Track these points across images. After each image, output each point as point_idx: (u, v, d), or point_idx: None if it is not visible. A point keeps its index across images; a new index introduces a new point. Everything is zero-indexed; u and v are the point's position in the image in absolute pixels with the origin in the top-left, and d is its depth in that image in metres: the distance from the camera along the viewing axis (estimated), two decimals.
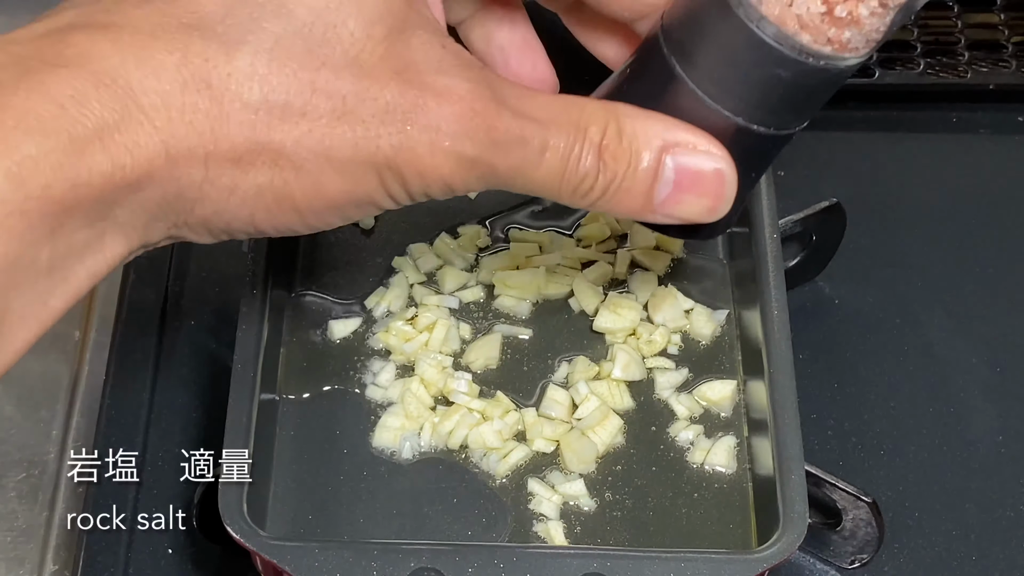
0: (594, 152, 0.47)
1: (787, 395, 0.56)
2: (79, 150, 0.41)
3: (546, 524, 0.58)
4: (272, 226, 0.46)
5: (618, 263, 0.66)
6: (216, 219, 0.45)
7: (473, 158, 0.46)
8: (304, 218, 0.46)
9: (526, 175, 0.47)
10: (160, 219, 0.44)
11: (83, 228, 0.42)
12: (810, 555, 0.61)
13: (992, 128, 0.78)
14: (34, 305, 0.42)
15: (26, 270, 0.41)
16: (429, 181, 0.46)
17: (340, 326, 0.63)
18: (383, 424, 0.60)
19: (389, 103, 0.45)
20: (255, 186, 0.45)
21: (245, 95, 0.44)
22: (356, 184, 0.46)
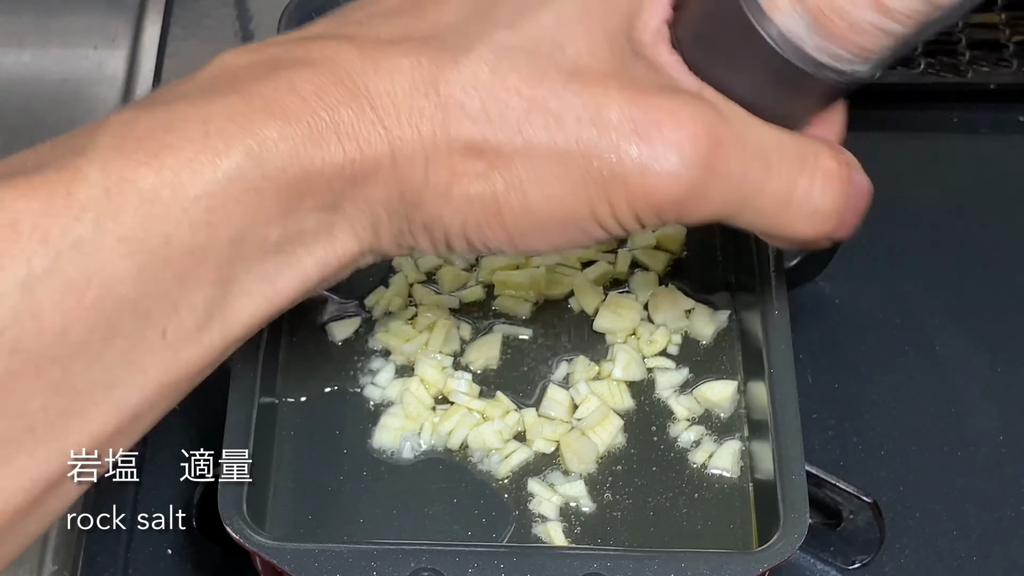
0: (821, 178, 0.48)
1: (787, 395, 0.56)
2: (316, 140, 0.43)
3: (546, 524, 0.58)
4: (482, 242, 0.47)
5: (618, 263, 0.66)
6: (434, 226, 0.46)
7: (692, 186, 0.46)
8: (511, 237, 0.47)
9: (747, 203, 0.47)
10: (385, 221, 0.46)
11: (313, 215, 0.44)
12: (810, 555, 0.61)
13: (992, 128, 0.78)
14: (261, 282, 0.44)
15: (255, 245, 0.43)
16: (639, 205, 0.46)
17: (341, 328, 0.63)
18: (383, 424, 0.60)
19: (608, 122, 0.45)
20: (466, 196, 0.46)
21: (467, 103, 0.45)
22: (562, 205, 0.46)
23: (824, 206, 0.48)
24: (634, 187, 0.45)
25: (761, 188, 0.47)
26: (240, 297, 0.44)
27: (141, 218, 0.41)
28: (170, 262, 0.42)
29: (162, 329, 0.42)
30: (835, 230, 0.49)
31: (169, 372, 0.43)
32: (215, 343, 0.44)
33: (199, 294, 0.43)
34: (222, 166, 0.42)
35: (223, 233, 0.42)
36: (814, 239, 0.49)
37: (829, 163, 0.48)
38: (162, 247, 0.41)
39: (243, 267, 0.43)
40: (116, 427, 0.43)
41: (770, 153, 0.47)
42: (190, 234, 0.42)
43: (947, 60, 0.79)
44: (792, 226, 0.48)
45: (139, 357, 0.42)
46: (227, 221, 0.42)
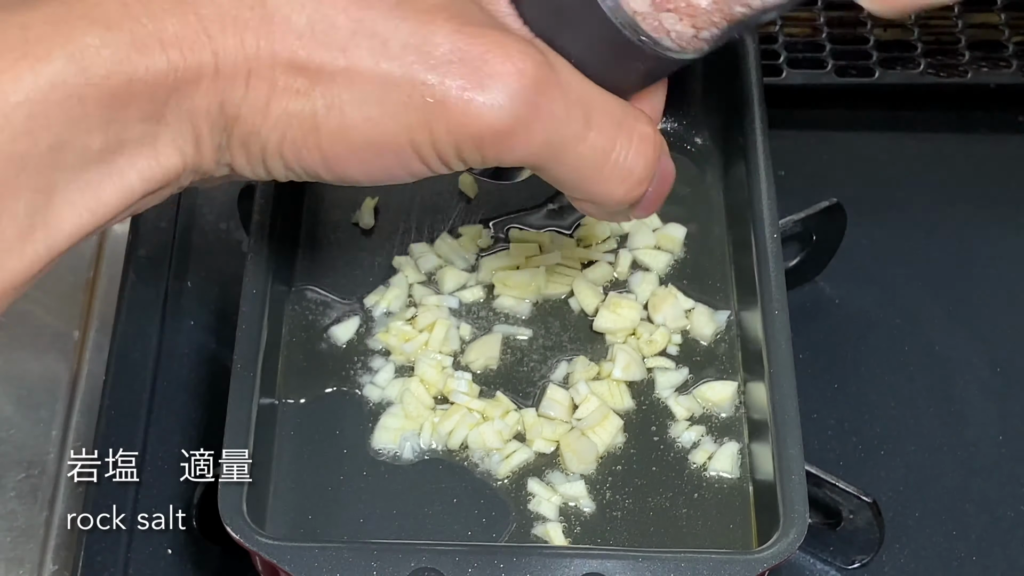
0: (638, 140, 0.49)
1: (787, 395, 0.56)
2: (139, 48, 0.43)
3: (546, 524, 0.58)
4: (298, 162, 0.47)
5: (618, 263, 0.66)
6: (251, 142, 0.46)
7: (516, 120, 0.46)
8: (327, 160, 0.47)
9: (566, 150, 0.47)
10: (206, 135, 0.46)
11: (136, 124, 0.44)
12: (810, 555, 0.61)
13: (992, 128, 0.78)
14: (84, 193, 0.44)
15: (77, 154, 0.43)
16: (461, 140, 0.46)
17: (342, 330, 0.63)
18: (383, 425, 0.60)
19: (435, 49, 0.45)
20: (285, 112, 0.46)
21: (293, 19, 0.45)
22: (380, 129, 0.46)
23: (638, 169, 0.49)
24: (455, 116, 0.45)
25: (582, 137, 0.47)
26: (63, 207, 0.44)
27: None
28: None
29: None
30: (641, 199, 0.50)
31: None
32: (39, 254, 0.44)
33: (20, 203, 0.42)
34: (43, 73, 0.42)
35: (44, 140, 0.42)
36: (620, 203, 0.50)
37: (646, 128, 0.49)
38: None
39: (65, 176, 0.43)
40: None
41: (593, 106, 0.48)
42: (10, 141, 0.42)
43: (947, 60, 0.79)
44: (605, 184, 0.49)
45: None
46: (48, 128, 0.42)
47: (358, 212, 0.67)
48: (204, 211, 0.72)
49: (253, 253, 0.61)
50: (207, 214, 0.72)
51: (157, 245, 0.71)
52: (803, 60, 0.79)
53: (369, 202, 0.67)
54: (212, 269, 0.70)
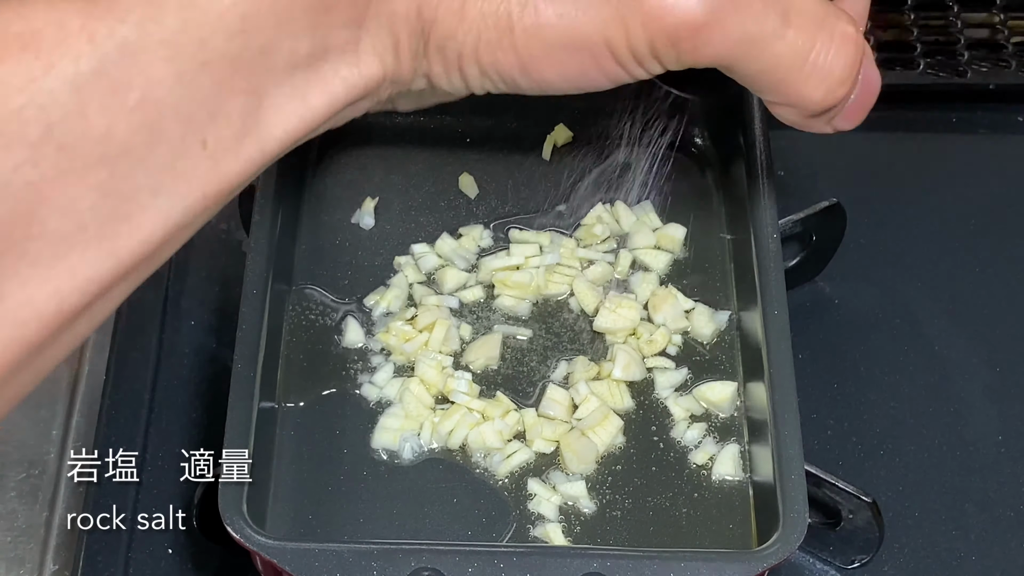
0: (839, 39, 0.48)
1: (787, 395, 0.56)
2: None
3: (546, 524, 0.58)
4: (495, 68, 0.47)
5: (618, 263, 0.66)
6: (448, 46, 0.47)
7: (711, 14, 0.45)
8: (522, 61, 0.47)
9: (763, 48, 0.47)
10: (404, 41, 0.47)
11: (339, 30, 0.45)
12: (810, 555, 0.61)
13: (992, 128, 0.78)
14: (292, 97, 0.45)
15: (285, 58, 0.45)
16: (656, 35, 0.46)
17: (342, 330, 0.63)
18: (382, 425, 0.60)
19: None
20: (481, 13, 0.46)
21: None
22: (575, 25, 0.46)
23: (838, 69, 0.48)
24: (650, 10, 0.45)
25: (780, 34, 0.47)
26: (273, 111, 0.45)
27: (181, 22, 0.42)
28: (206, 67, 0.43)
29: (202, 138, 0.43)
30: (840, 100, 0.49)
31: (211, 182, 0.44)
32: (252, 156, 0.45)
33: (235, 104, 0.44)
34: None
35: (256, 42, 0.43)
36: (819, 106, 0.49)
37: (848, 27, 0.48)
38: (199, 51, 0.42)
39: (274, 79, 0.44)
40: (163, 235, 0.44)
41: (792, 3, 0.47)
42: (225, 40, 0.43)
43: (946, 60, 0.79)
44: (803, 85, 0.48)
45: (182, 165, 0.43)
46: (260, 30, 0.43)
47: (358, 212, 0.67)
48: None
49: (253, 253, 0.61)
50: None
51: None
52: None
53: (369, 202, 0.67)
54: (212, 269, 0.70)
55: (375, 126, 0.70)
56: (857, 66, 0.49)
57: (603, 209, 0.67)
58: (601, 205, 0.67)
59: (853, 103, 0.50)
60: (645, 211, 0.67)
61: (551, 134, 0.70)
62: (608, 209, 0.67)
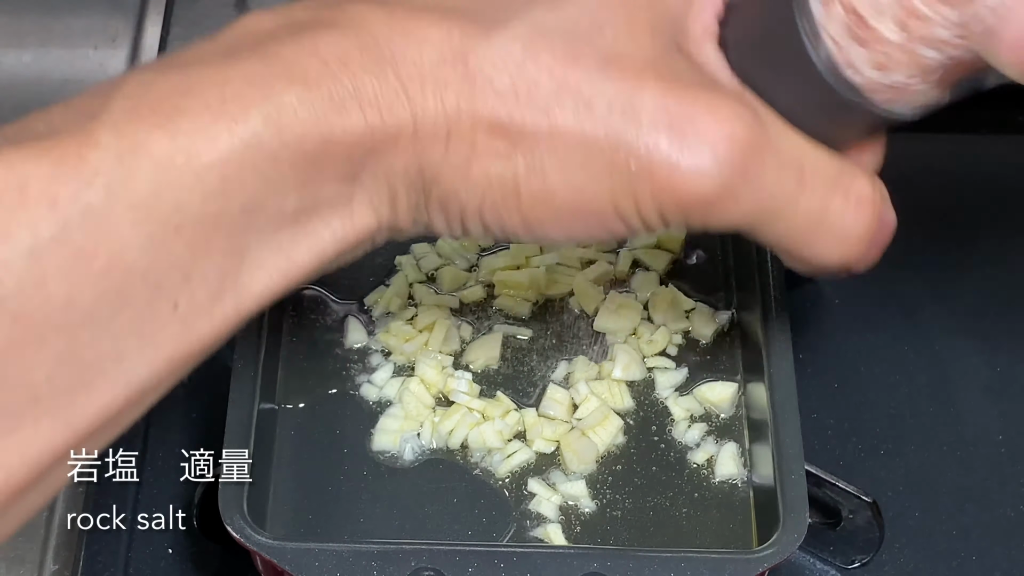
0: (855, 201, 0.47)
1: (787, 395, 0.56)
2: (336, 107, 0.42)
3: (546, 524, 0.58)
4: (499, 225, 0.45)
5: (619, 263, 0.66)
6: (451, 203, 0.45)
7: (724, 187, 0.44)
8: (528, 223, 0.45)
9: (777, 215, 0.45)
10: (403, 195, 0.45)
11: (331, 185, 0.43)
12: (810, 555, 0.61)
13: (992, 128, 0.78)
14: (276, 254, 0.43)
15: (270, 215, 0.42)
16: (666, 206, 0.44)
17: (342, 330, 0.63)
18: (382, 427, 0.60)
19: (641, 111, 0.43)
20: (486, 174, 0.44)
21: (495, 79, 0.43)
22: (583, 195, 0.44)
23: (855, 231, 0.47)
24: (661, 182, 0.44)
25: (794, 201, 0.45)
26: (254, 269, 0.43)
27: (153, 185, 0.40)
28: (181, 231, 0.40)
29: (173, 301, 0.41)
30: (859, 259, 0.48)
31: (180, 346, 0.42)
32: (228, 316, 0.43)
33: (211, 265, 0.41)
34: (239, 133, 0.41)
35: (237, 202, 0.41)
36: (838, 265, 0.48)
37: (864, 187, 0.47)
38: (174, 215, 0.40)
39: (257, 238, 0.42)
40: (125, 401, 0.42)
41: (806, 167, 0.46)
42: (203, 202, 0.40)
43: None
44: (820, 248, 0.47)
45: (149, 329, 0.41)
46: (242, 189, 0.41)
47: None
48: None
49: None
50: None
51: None
52: None
53: None
54: None
55: None
56: (875, 225, 0.48)
57: None
58: None
59: (872, 251, 0.48)
60: None
61: None
62: None
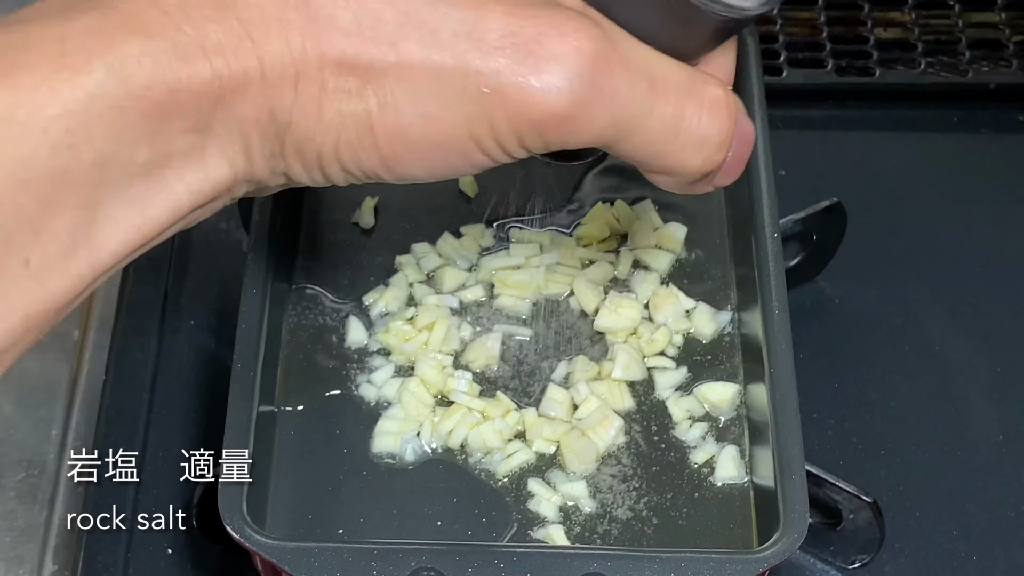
0: (709, 105, 0.46)
1: (787, 395, 0.56)
2: (180, 56, 0.42)
3: (546, 524, 0.58)
4: (356, 165, 0.45)
5: (619, 263, 0.66)
6: (306, 148, 0.45)
7: (577, 103, 0.44)
8: (385, 160, 0.45)
9: (634, 126, 0.45)
10: (257, 144, 0.44)
11: (182, 136, 0.43)
12: (810, 555, 0.61)
13: (992, 128, 0.78)
14: (129, 208, 0.43)
15: (121, 169, 0.42)
16: (522, 128, 0.44)
17: (342, 330, 0.63)
18: (381, 430, 0.60)
19: (487, 35, 0.44)
20: (338, 114, 0.44)
21: (339, 16, 0.43)
22: (438, 125, 0.44)
23: (713, 134, 0.47)
24: (514, 104, 0.44)
25: (649, 110, 0.45)
26: (107, 224, 0.42)
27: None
28: (30, 186, 0.40)
29: (24, 257, 0.41)
30: (719, 166, 0.48)
31: (34, 303, 0.41)
32: (83, 272, 0.42)
33: (62, 220, 0.41)
34: (82, 84, 0.40)
35: (86, 155, 0.41)
36: (700, 172, 0.48)
37: (716, 91, 0.47)
38: (21, 170, 0.40)
39: (109, 192, 0.42)
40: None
41: (656, 75, 0.46)
42: (50, 156, 0.40)
43: (947, 60, 0.79)
44: (680, 155, 0.47)
45: (1, 287, 0.41)
46: (90, 142, 0.41)
47: (358, 212, 0.67)
48: None
49: (253, 253, 0.61)
50: None
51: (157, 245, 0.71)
52: (803, 60, 0.79)
53: (369, 202, 0.67)
54: (212, 269, 0.70)
55: None
56: (731, 128, 0.48)
57: (603, 209, 0.67)
58: (602, 204, 0.67)
59: (731, 160, 0.48)
60: (645, 210, 0.67)
61: None
62: (609, 208, 0.67)
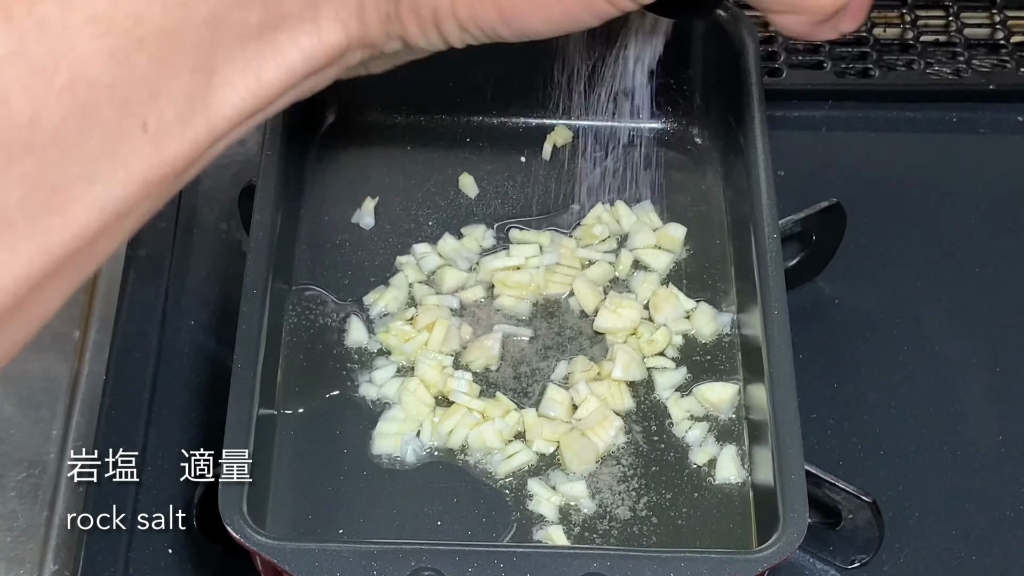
0: None
1: (787, 395, 0.56)
2: None
3: (546, 524, 0.58)
4: (475, 22, 0.44)
5: (619, 263, 0.66)
6: (423, 5, 0.44)
7: None
8: (504, 14, 0.44)
9: None
10: (370, 5, 0.43)
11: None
12: (810, 555, 0.61)
13: (992, 128, 0.78)
14: (243, 71, 0.42)
15: (234, 29, 0.41)
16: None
17: (342, 330, 0.63)
18: (381, 431, 0.60)
19: None
20: None
21: None
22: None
23: None
24: None
25: None
26: (223, 87, 0.41)
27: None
28: (144, 44, 0.39)
29: (142, 120, 0.40)
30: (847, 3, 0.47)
31: (152, 167, 0.40)
32: (200, 137, 0.41)
33: (178, 82, 0.40)
34: None
35: (198, 13, 0.40)
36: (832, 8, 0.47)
37: None
38: (134, 27, 0.39)
39: (223, 53, 0.41)
40: (100, 225, 0.40)
41: None
42: (162, 13, 0.39)
43: (946, 60, 0.79)
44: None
45: (119, 150, 0.39)
46: (202, 0, 0.40)
47: (358, 212, 0.67)
48: (204, 211, 0.73)
49: (253, 253, 0.61)
50: (207, 214, 0.72)
51: (157, 245, 0.71)
52: (803, 60, 0.79)
53: (369, 202, 0.67)
54: (212, 269, 0.70)
55: (375, 126, 0.70)
56: None
57: (603, 209, 0.67)
58: (601, 205, 0.67)
59: (856, 3, 0.47)
60: (645, 211, 0.67)
61: (551, 134, 0.70)
62: (608, 209, 0.67)
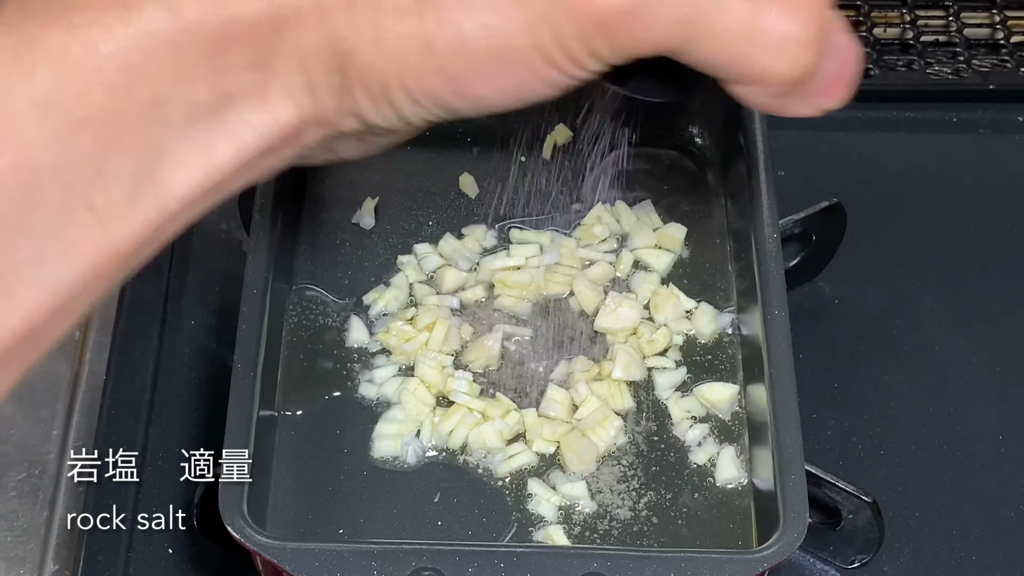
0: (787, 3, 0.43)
1: (787, 395, 0.56)
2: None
3: (546, 524, 0.58)
4: (425, 94, 0.44)
5: (619, 263, 0.66)
6: (371, 79, 0.44)
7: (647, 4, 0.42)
8: (454, 84, 0.44)
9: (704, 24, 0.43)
10: (321, 79, 0.43)
11: (242, 73, 0.42)
12: (810, 555, 0.61)
13: (992, 128, 0.78)
14: (194, 150, 0.42)
15: (181, 108, 0.41)
16: (585, 29, 0.43)
17: (343, 330, 0.63)
18: (380, 433, 0.60)
19: None
20: (398, 38, 0.43)
21: None
22: (500, 35, 0.43)
23: (795, 32, 0.44)
24: (574, 3, 0.42)
25: (719, 5, 0.43)
26: (174, 166, 0.42)
27: (53, 79, 0.39)
28: (87, 125, 0.40)
29: (88, 201, 0.40)
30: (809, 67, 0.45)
31: (101, 248, 0.41)
32: (150, 217, 0.42)
33: (124, 162, 0.40)
34: (133, 21, 0.40)
35: (142, 93, 0.40)
36: (784, 78, 0.45)
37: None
38: (77, 108, 0.39)
39: (172, 133, 0.41)
40: (51, 309, 0.40)
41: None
42: (106, 95, 0.40)
43: (946, 60, 0.79)
44: (758, 58, 0.44)
45: (66, 231, 0.40)
46: (145, 80, 0.40)
47: (358, 212, 0.67)
48: None
49: (253, 253, 0.61)
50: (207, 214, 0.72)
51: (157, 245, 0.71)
52: None
53: (369, 202, 0.67)
54: (212, 269, 0.70)
55: None
56: (816, 27, 0.44)
57: (603, 209, 0.67)
58: (601, 205, 0.67)
59: (830, 75, 0.45)
60: (645, 211, 0.67)
61: (551, 134, 0.70)
62: (608, 209, 0.67)
